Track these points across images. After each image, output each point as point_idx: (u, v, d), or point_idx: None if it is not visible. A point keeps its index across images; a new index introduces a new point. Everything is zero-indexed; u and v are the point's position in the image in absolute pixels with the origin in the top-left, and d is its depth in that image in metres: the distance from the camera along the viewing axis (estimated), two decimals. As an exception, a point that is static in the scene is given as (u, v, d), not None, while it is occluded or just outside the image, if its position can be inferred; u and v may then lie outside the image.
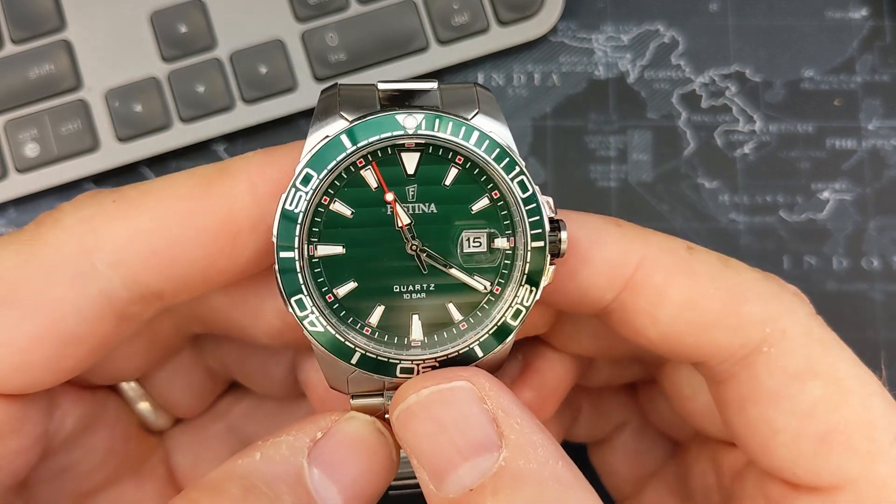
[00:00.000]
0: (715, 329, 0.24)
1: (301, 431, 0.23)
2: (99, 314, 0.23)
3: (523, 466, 0.21)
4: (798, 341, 0.24)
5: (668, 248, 0.25)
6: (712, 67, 0.40)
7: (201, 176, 0.24)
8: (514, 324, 0.23)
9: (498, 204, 0.24)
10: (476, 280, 0.24)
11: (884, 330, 0.38)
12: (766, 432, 0.24)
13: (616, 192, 0.39)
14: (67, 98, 0.38)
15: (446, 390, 0.22)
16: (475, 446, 0.21)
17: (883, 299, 0.38)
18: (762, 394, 0.24)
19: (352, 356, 0.23)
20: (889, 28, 0.40)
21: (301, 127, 0.40)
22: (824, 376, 0.24)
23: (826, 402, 0.24)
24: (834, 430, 0.23)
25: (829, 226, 0.39)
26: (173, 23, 0.39)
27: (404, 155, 0.23)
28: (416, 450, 0.22)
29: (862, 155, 0.39)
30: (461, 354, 0.23)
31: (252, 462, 0.22)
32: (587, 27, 0.41)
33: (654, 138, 0.40)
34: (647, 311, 0.25)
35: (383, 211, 0.23)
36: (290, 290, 0.23)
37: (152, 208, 0.23)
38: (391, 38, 0.39)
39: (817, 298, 0.38)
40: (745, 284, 0.25)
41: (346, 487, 0.23)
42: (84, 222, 0.23)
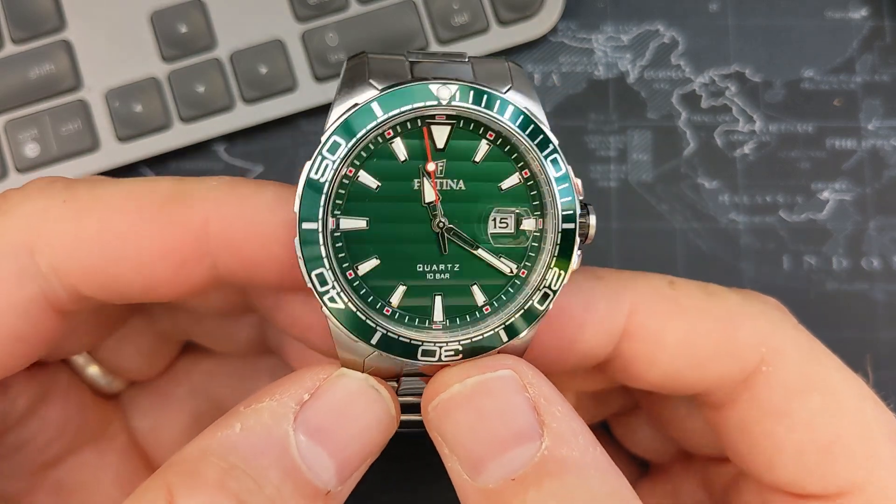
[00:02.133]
0: (713, 361, 0.25)
1: (285, 394, 0.21)
2: (41, 312, 0.23)
3: (566, 454, 0.21)
4: (792, 357, 0.25)
5: (651, 288, 0.25)
6: (712, 67, 0.40)
7: (158, 195, 0.23)
8: (541, 308, 0.23)
9: (528, 183, 0.23)
10: (503, 262, 0.23)
11: (884, 330, 0.38)
12: (771, 449, 0.24)
13: (616, 192, 0.39)
14: (67, 98, 0.38)
15: (492, 380, 0.22)
16: (517, 436, 0.21)
17: (883, 299, 0.38)
18: (764, 412, 0.24)
19: (372, 336, 0.22)
20: (889, 28, 0.40)
21: (301, 127, 0.40)
22: (821, 388, 0.24)
23: (825, 413, 0.24)
24: (835, 440, 0.24)
25: (829, 226, 0.39)
26: (173, 23, 0.39)
27: (434, 128, 0.22)
28: (454, 440, 0.21)
29: (862, 155, 0.39)
30: (485, 338, 0.22)
31: (231, 435, 0.21)
32: (587, 27, 0.41)
33: (654, 138, 0.40)
34: (644, 356, 0.25)
35: (410, 185, 0.22)
36: (312, 264, 0.22)
37: (100, 218, 0.23)
38: (391, 38, 0.39)
39: (817, 298, 0.38)
40: (732, 310, 0.25)
41: (338, 451, 0.21)
42: (30, 217, 0.23)
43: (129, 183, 0.23)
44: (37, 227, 0.22)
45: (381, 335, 0.22)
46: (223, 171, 0.39)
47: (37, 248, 0.22)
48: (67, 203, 0.23)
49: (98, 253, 0.22)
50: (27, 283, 0.22)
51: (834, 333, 0.38)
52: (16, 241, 0.22)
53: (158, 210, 0.22)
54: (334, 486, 0.21)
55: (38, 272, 0.22)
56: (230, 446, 0.20)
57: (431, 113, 0.22)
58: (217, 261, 0.23)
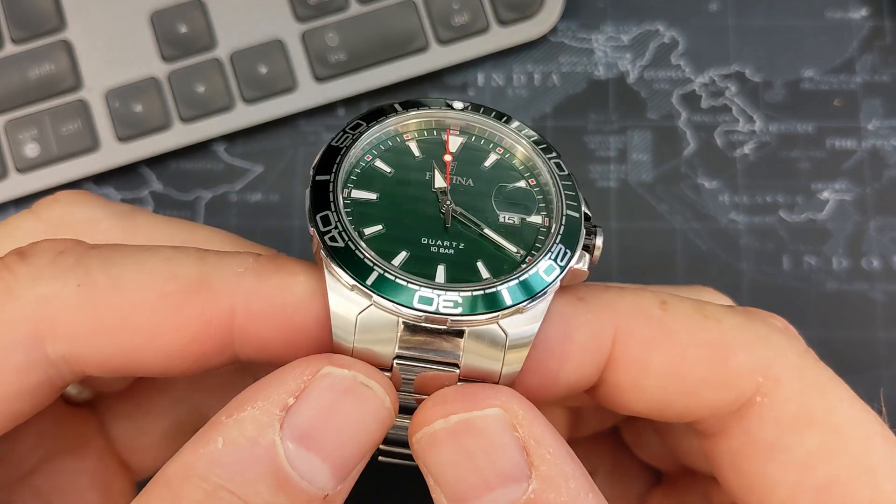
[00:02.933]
0: (704, 389, 0.23)
1: (268, 400, 0.20)
2: (43, 396, 0.22)
3: (553, 499, 0.20)
4: (791, 388, 0.23)
5: (639, 309, 0.23)
6: (712, 67, 0.40)
7: (182, 282, 0.21)
8: (548, 279, 0.22)
9: (534, 189, 0.24)
10: (509, 244, 0.23)
11: (884, 330, 0.38)
12: (761, 487, 0.23)
13: (616, 192, 0.39)
14: (67, 98, 0.38)
15: (477, 418, 0.20)
16: (503, 476, 0.20)
17: (883, 299, 0.38)
18: (756, 447, 0.23)
19: (368, 276, 0.21)
20: (889, 28, 0.40)
21: (301, 127, 0.40)
22: (820, 424, 0.22)
23: (824, 452, 0.22)
24: (834, 481, 0.22)
25: (829, 226, 0.39)
26: (173, 23, 0.39)
27: (449, 136, 0.24)
28: (437, 473, 0.20)
29: (862, 155, 0.39)
30: (487, 294, 0.21)
31: (214, 452, 0.19)
32: (587, 27, 0.41)
33: (654, 138, 0.40)
34: (630, 384, 0.23)
35: (422, 175, 0.23)
36: (319, 206, 0.21)
37: (118, 308, 0.21)
38: (391, 38, 0.39)
39: (817, 298, 0.38)
40: (728, 334, 0.23)
41: (331, 454, 0.20)
42: (42, 304, 0.21)
43: (150, 262, 0.22)
44: (48, 315, 0.21)
45: (378, 275, 0.21)
46: (223, 171, 0.39)
47: (47, 338, 0.21)
48: (82, 288, 0.21)
49: (114, 344, 0.21)
50: (33, 372, 0.21)
51: (834, 333, 0.38)
52: (24, 330, 0.21)
53: (182, 300, 0.21)
54: (332, 489, 0.20)
55: (46, 360, 0.21)
56: (213, 463, 0.19)
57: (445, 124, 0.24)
58: (238, 351, 0.22)
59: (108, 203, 0.26)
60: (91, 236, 0.24)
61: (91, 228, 0.25)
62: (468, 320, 0.21)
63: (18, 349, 0.21)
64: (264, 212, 0.39)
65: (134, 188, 0.39)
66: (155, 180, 0.39)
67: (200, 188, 0.39)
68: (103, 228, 0.26)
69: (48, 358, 0.21)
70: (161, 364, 0.22)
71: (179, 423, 0.30)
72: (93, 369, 0.22)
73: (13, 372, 0.21)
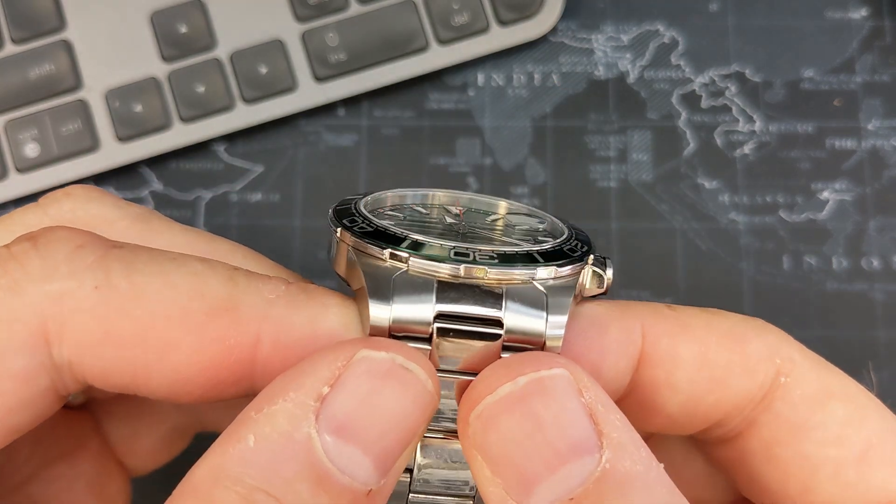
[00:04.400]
0: (732, 378, 0.22)
1: (300, 390, 0.18)
2: (47, 405, 0.20)
3: (629, 468, 0.18)
4: (805, 366, 0.23)
5: (653, 310, 0.23)
6: (712, 67, 0.40)
7: (208, 300, 0.20)
8: (573, 255, 0.21)
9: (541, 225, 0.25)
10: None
11: (884, 330, 0.38)
12: (805, 470, 0.22)
13: (616, 192, 0.39)
14: (67, 98, 0.38)
15: (548, 378, 0.18)
16: (575, 447, 0.18)
17: (883, 299, 0.38)
18: (790, 430, 0.22)
19: (402, 241, 0.20)
20: (889, 28, 0.40)
21: (301, 127, 0.40)
22: (840, 396, 0.22)
23: (852, 421, 0.22)
24: (868, 447, 0.22)
25: (829, 226, 0.39)
26: (173, 23, 0.39)
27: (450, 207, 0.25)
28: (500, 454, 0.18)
29: (862, 155, 0.39)
30: (520, 253, 0.20)
31: (245, 451, 0.18)
32: (587, 27, 0.41)
33: (654, 138, 0.40)
34: (664, 380, 0.22)
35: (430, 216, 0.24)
36: (342, 215, 0.22)
37: (136, 320, 0.19)
38: (391, 38, 0.39)
39: (817, 298, 0.38)
40: (737, 325, 0.23)
41: (372, 445, 0.18)
42: (53, 302, 0.19)
43: (176, 273, 0.20)
44: (59, 315, 0.19)
45: (412, 241, 0.20)
46: (223, 171, 0.39)
47: (54, 340, 0.19)
48: (100, 291, 0.19)
49: (124, 358, 0.20)
50: (38, 379, 0.20)
51: (834, 333, 0.38)
52: (30, 329, 0.19)
53: (205, 321, 0.19)
54: (375, 483, 0.18)
55: (52, 365, 0.20)
56: (245, 464, 0.17)
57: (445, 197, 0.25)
58: (256, 383, 0.21)
59: (123, 203, 0.25)
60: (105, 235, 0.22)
61: (105, 228, 0.24)
62: (506, 273, 0.20)
63: (23, 352, 0.19)
64: (264, 212, 0.39)
65: (134, 188, 0.39)
66: (155, 180, 0.39)
67: (200, 188, 0.39)
68: (118, 229, 0.24)
69: (54, 362, 0.20)
70: (168, 387, 0.20)
71: (178, 425, 0.29)
72: (96, 380, 0.20)
73: (17, 379, 0.19)
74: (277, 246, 0.39)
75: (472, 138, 0.40)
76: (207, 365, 0.20)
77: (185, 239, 0.25)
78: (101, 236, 0.21)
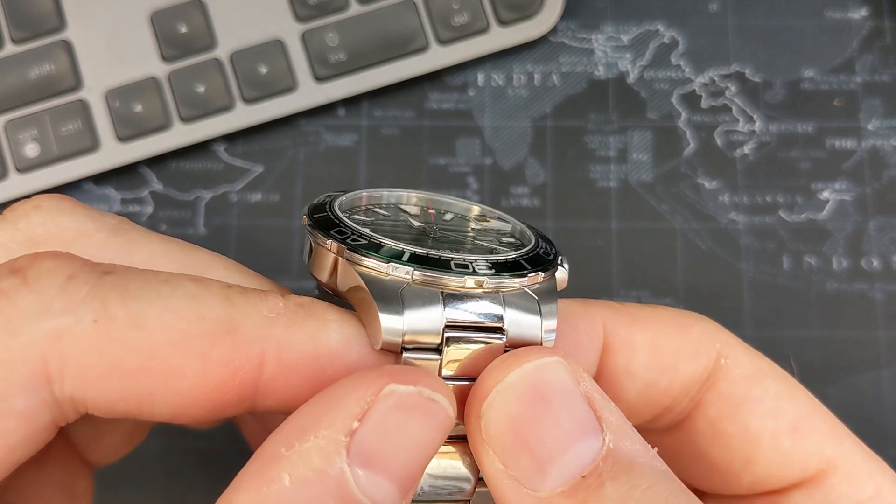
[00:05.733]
0: (680, 361, 0.24)
1: (331, 427, 0.18)
2: (45, 438, 0.20)
3: (630, 448, 0.19)
4: (740, 349, 0.25)
5: (608, 306, 0.25)
6: (712, 67, 0.40)
7: (208, 324, 0.20)
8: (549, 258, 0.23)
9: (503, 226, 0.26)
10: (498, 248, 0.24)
11: (884, 330, 0.38)
12: (747, 442, 0.24)
13: (616, 192, 0.39)
14: (67, 98, 0.38)
15: (550, 364, 0.20)
16: (582, 427, 0.19)
17: (883, 299, 0.38)
18: (732, 406, 0.24)
19: (402, 255, 0.21)
20: (889, 28, 0.40)
21: (301, 127, 0.40)
22: (771, 374, 0.25)
23: (784, 395, 0.25)
24: (799, 418, 0.24)
25: (829, 226, 0.39)
26: (173, 23, 0.39)
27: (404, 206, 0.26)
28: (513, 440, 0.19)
29: (862, 155, 0.39)
30: (509, 262, 0.22)
31: (282, 491, 0.18)
32: (587, 27, 0.41)
33: (654, 138, 0.40)
34: (623, 367, 0.24)
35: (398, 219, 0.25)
36: (328, 227, 0.22)
37: (137, 351, 0.19)
38: (391, 38, 0.39)
39: (817, 298, 0.38)
40: (679, 316, 0.25)
41: (399, 474, 0.19)
42: (51, 339, 0.19)
43: (173, 298, 0.20)
44: (58, 353, 0.19)
45: (412, 254, 0.21)
46: (223, 170, 0.39)
47: (55, 377, 0.19)
48: (99, 324, 0.19)
49: (129, 388, 0.19)
50: (39, 417, 0.19)
51: (834, 333, 0.38)
52: (30, 370, 0.19)
53: (208, 345, 0.19)
54: None
55: (53, 401, 0.19)
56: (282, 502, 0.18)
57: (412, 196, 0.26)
58: (259, 402, 0.21)
59: (95, 214, 0.24)
60: (80, 252, 0.22)
61: (82, 242, 0.23)
62: (503, 282, 0.21)
63: (24, 392, 0.19)
64: (264, 212, 0.39)
65: (134, 188, 0.39)
66: (155, 180, 0.39)
67: (200, 188, 0.39)
68: (94, 243, 0.23)
69: (55, 399, 0.19)
70: (175, 411, 0.20)
71: (140, 421, 0.28)
72: (99, 411, 0.20)
73: (18, 419, 0.19)
74: (277, 246, 0.39)
75: (472, 138, 0.40)
76: (212, 388, 0.20)
77: (164, 250, 0.24)
78: (90, 262, 0.21)
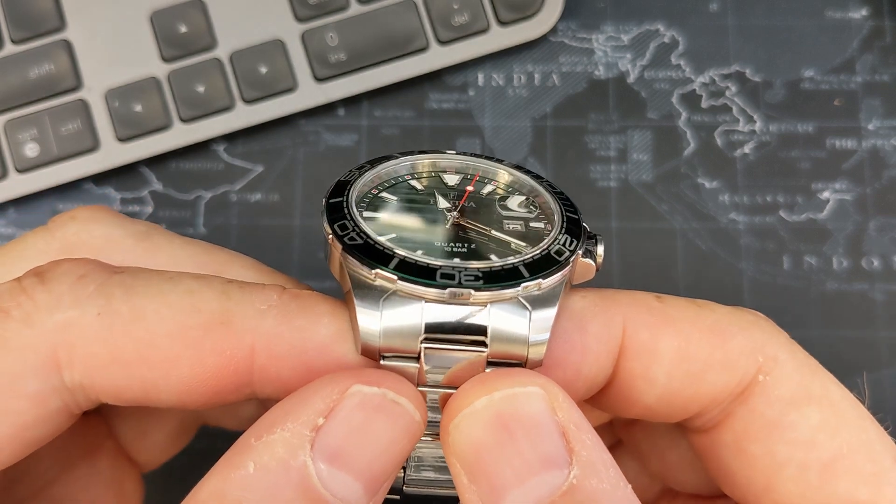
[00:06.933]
0: (710, 372, 0.23)
1: (297, 421, 0.20)
2: (60, 422, 0.22)
3: (595, 486, 0.19)
4: (789, 366, 0.23)
5: (639, 302, 0.24)
6: (712, 67, 0.40)
7: (204, 316, 0.21)
8: (560, 259, 0.22)
9: (533, 204, 0.25)
10: (517, 240, 0.23)
11: (884, 330, 0.38)
12: (770, 468, 0.23)
13: (616, 192, 0.39)
14: (67, 98, 0.38)
15: (521, 395, 0.20)
16: (545, 460, 0.19)
17: (883, 299, 0.38)
18: (762, 427, 0.23)
19: (390, 261, 0.21)
20: (889, 28, 0.40)
21: (301, 127, 0.40)
22: (819, 400, 0.23)
23: (826, 427, 0.23)
24: (837, 456, 0.22)
25: (829, 226, 0.39)
26: (173, 23, 0.39)
27: (445, 175, 0.25)
28: (475, 462, 0.19)
29: (862, 155, 0.39)
30: (506, 269, 0.21)
31: (245, 477, 0.19)
32: (587, 27, 0.41)
33: (654, 138, 0.40)
34: (641, 373, 0.23)
35: (427, 201, 0.24)
36: (334, 219, 0.22)
37: (138, 339, 0.21)
38: (391, 38, 0.39)
39: (817, 298, 0.38)
40: (723, 320, 0.23)
41: (363, 471, 0.20)
42: (60, 330, 0.21)
43: (172, 293, 0.21)
44: (67, 342, 0.21)
45: (399, 261, 0.21)
46: (223, 170, 0.39)
47: (64, 365, 0.21)
48: (102, 317, 0.21)
49: (132, 375, 0.21)
50: (50, 400, 0.21)
51: (834, 333, 0.38)
52: (42, 357, 0.21)
53: (203, 335, 0.21)
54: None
55: (63, 387, 0.21)
56: (245, 488, 0.19)
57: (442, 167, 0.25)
58: (257, 389, 0.22)
59: (126, 221, 0.26)
60: (109, 256, 0.24)
61: (109, 248, 0.25)
62: (491, 294, 0.21)
63: (36, 377, 0.21)
64: (264, 211, 0.39)
65: (134, 188, 0.39)
66: (155, 180, 0.39)
67: (200, 188, 0.39)
68: (122, 248, 0.25)
69: (65, 385, 0.21)
70: (177, 397, 0.22)
71: (182, 421, 0.30)
72: (109, 398, 0.22)
73: (30, 400, 0.21)
74: (277, 246, 0.39)
75: (472, 138, 0.40)
76: (209, 375, 0.21)
77: (186, 252, 0.26)
78: (103, 264, 0.22)
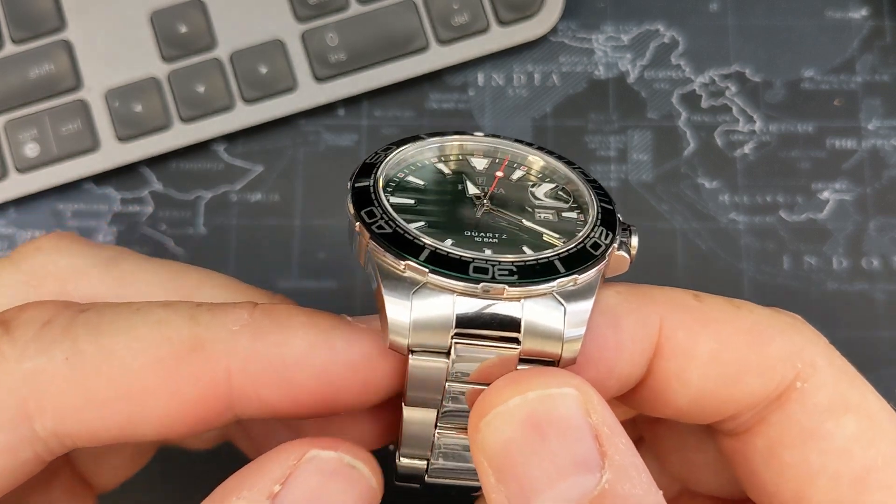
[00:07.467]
0: (747, 376, 0.22)
1: (253, 489, 0.20)
2: (30, 470, 0.21)
3: (628, 491, 0.18)
4: (827, 373, 0.22)
5: (677, 300, 0.23)
6: (712, 67, 0.40)
7: (175, 345, 0.21)
8: (595, 252, 0.21)
9: (565, 192, 0.24)
10: (550, 231, 0.22)
11: (884, 330, 0.38)
12: (802, 477, 0.22)
13: (616, 192, 0.39)
14: (67, 98, 0.38)
15: (556, 395, 0.19)
16: (577, 463, 0.19)
17: (883, 299, 0.38)
18: (797, 434, 0.22)
19: (420, 252, 0.20)
20: (889, 28, 0.40)
21: (301, 127, 0.40)
22: (856, 410, 0.22)
23: (862, 438, 0.22)
24: (871, 468, 0.22)
25: (829, 226, 0.39)
26: (173, 23, 0.39)
27: (473, 159, 0.25)
28: (504, 462, 0.19)
29: (862, 155, 0.39)
30: (541, 263, 0.21)
31: None
32: (587, 27, 0.41)
33: (654, 138, 0.40)
34: (676, 374, 0.22)
35: (455, 186, 0.24)
36: (362, 205, 0.21)
37: (109, 379, 0.20)
38: (391, 38, 0.39)
39: (817, 298, 0.38)
40: (762, 322, 0.23)
41: None
42: (29, 380, 0.20)
43: (141, 326, 0.21)
44: (36, 391, 0.20)
45: (430, 252, 0.20)
46: (223, 170, 0.39)
47: (35, 415, 0.20)
48: (70, 360, 0.20)
49: (108, 416, 0.21)
50: (21, 451, 0.21)
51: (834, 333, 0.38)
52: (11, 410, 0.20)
53: (176, 364, 0.21)
54: None
55: (35, 437, 0.21)
56: None
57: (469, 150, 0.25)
58: (239, 411, 0.22)
59: (92, 248, 0.26)
60: (76, 286, 0.24)
61: (76, 278, 0.25)
62: (525, 290, 0.20)
63: (4, 429, 0.20)
64: (264, 212, 0.39)
65: (134, 188, 0.39)
66: (155, 180, 0.39)
67: (200, 188, 0.39)
68: (88, 278, 0.25)
69: (37, 435, 0.21)
70: (157, 430, 0.21)
71: (141, 445, 0.29)
72: (85, 441, 0.21)
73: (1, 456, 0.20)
74: (277, 246, 0.39)
75: (472, 138, 0.40)
76: (187, 405, 0.21)
77: (156, 277, 0.26)
78: (68, 303, 0.22)
